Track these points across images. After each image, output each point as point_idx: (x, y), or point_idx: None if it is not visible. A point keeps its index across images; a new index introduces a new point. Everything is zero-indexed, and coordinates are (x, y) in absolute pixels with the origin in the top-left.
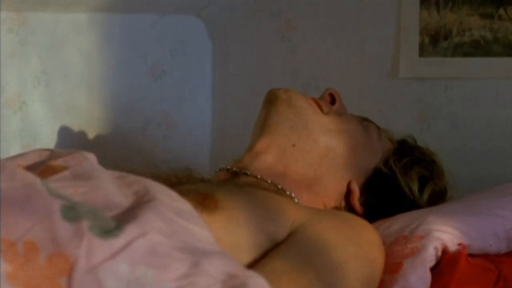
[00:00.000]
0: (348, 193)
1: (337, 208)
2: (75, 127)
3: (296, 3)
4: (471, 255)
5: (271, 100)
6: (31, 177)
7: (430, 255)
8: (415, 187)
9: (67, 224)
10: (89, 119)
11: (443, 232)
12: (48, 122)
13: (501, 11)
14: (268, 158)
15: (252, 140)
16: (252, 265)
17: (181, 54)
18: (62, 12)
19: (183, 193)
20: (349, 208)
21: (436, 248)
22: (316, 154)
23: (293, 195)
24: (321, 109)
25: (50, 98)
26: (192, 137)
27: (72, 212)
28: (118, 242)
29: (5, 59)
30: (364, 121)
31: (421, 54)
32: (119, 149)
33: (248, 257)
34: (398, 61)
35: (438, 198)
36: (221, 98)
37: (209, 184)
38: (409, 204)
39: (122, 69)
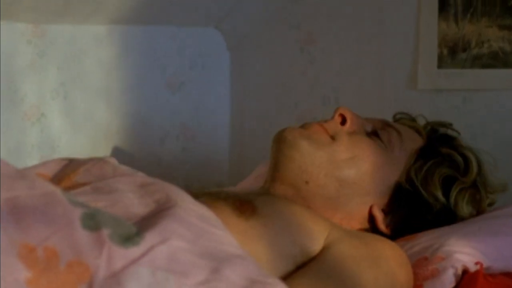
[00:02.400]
0: (372, 218)
1: (362, 229)
2: (94, 139)
3: (316, 15)
4: (491, 275)
5: (277, 141)
6: (51, 186)
7: (449, 277)
8: (439, 194)
9: (87, 233)
10: (107, 131)
11: (465, 254)
12: (66, 134)
13: None
14: (286, 193)
15: (267, 178)
16: (284, 277)
17: (200, 66)
18: (81, 24)
19: (221, 197)
20: (375, 231)
21: (456, 270)
22: (332, 187)
23: None
24: (328, 133)
25: (69, 110)
26: (210, 149)
27: (92, 220)
28: (138, 249)
29: (24, 71)
30: (383, 131)
31: (439, 66)
32: (137, 161)
33: (280, 267)
34: (417, 72)
35: (472, 196)
36: (239, 110)
37: (248, 192)
38: (441, 213)
39: (141, 81)
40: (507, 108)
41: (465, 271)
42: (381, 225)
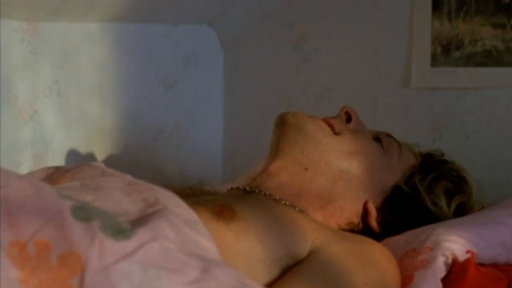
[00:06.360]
0: (365, 213)
1: (351, 229)
2: (87, 136)
3: (310, 13)
4: (481, 265)
5: (279, 125)
6: (39, 181)
7: (440, 266)
8: (443, 202)
9: (78, 223)
10: (101, 128)
11: (452, 242)
12: (60, 131)
13: None
14: (281, 178)
15: (266, 162)
16: (271, 281)
17: (193, 64)
18: (74, 21)
19: (201, 203)
20: (366, 227)
21: (446, 258)
22: (330, 176)
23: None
24: (333, 129)
25: (62, 107)
26: (204, 147)
27: (82, 212)
28: (130, 243)
29: (17, 69)
30: (385, 137)
31: (433, 64)
32: (130, 159)
33: (266, 270)
34: (410, 71)
35: (463, 210)
36: (233, 108)
37: (227, 196)
38: (432, 221)
39: (134, 79)
40: (500, 106)
41: (454, 260)
42: (373, 221)
